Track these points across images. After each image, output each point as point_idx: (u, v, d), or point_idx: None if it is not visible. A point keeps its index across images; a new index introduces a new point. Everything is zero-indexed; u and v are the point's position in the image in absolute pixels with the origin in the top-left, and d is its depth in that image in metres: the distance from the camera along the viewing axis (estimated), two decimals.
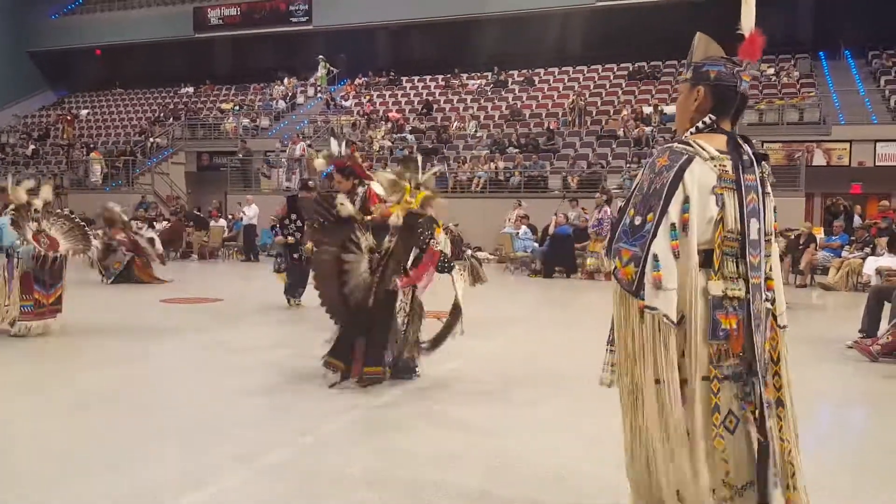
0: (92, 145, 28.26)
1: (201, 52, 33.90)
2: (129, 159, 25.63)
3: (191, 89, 32.25)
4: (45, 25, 35.21)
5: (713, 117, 2.43)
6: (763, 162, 2.42)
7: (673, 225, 2.26)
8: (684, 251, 2.26)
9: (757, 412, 2.32)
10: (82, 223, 8.12)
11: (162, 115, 30.19)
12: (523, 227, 15.96)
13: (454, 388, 5.46)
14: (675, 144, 2.39)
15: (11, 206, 7.42)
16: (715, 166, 2.32)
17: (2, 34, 33.36)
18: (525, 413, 4.85)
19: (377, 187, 5.65)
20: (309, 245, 8.84)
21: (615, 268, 2.36)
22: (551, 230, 15.07)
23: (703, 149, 2.33)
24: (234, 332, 7.95)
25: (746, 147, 2.38)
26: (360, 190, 6.07)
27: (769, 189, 2.42)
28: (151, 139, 27.55)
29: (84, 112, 33.05)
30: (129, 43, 33.33)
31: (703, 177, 2.31)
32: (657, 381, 2.30)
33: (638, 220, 2.30)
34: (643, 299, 2.26)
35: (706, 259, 2.30)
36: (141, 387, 5.44)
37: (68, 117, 30.85)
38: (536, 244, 15.69)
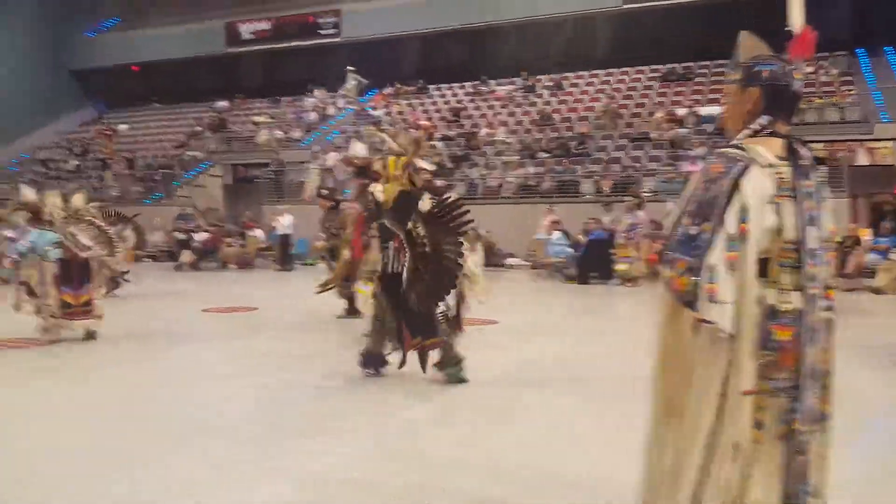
0: (130, 159, 28.66)
1: (234, 66, 34.29)
2: (168, 172, 25.92)
3: (226, 103, 32.59)
4: (85, 44, 35.94)
5: (769, 118, 2.31)
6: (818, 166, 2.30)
7: (730, 235, 2.16)
8: (741, 263, 2.16)
9: (799, 427, 2.21)
10: (109, 230, 8.25)
11: (198, 128, 30.52)
12: (556, 233, 15.81)
13: (489, 397, 5.37)
14: (731, 150, 2.28)
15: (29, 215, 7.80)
16: (772, 174, 2.21)
17: (43, 53, 34.05)
18: (561, 423, 4.75)
19: (422, 163, 5.85)
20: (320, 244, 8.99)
21: (668, 277, 2.26)
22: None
23: (760, 155, 2.22)
24: (271, 339, 7.96)
25: (804, 151, 2.26)
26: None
27: (825, 193, 2.30)
28: (188, 153, 27.85)
29: (123, 127, 33.55)
30: (165, 59, 33.89)
31: (760, 185, 2.20)
32: (700, 394, 2.19)
33: (693, 230, 2.20)
34: (698, 311, 2.16)
35: (762, 268, 2.20)
36: (180, 392, 5.44)
37: (107, 132, 31.33)
38: (570, 249, 15.53)
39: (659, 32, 25.98)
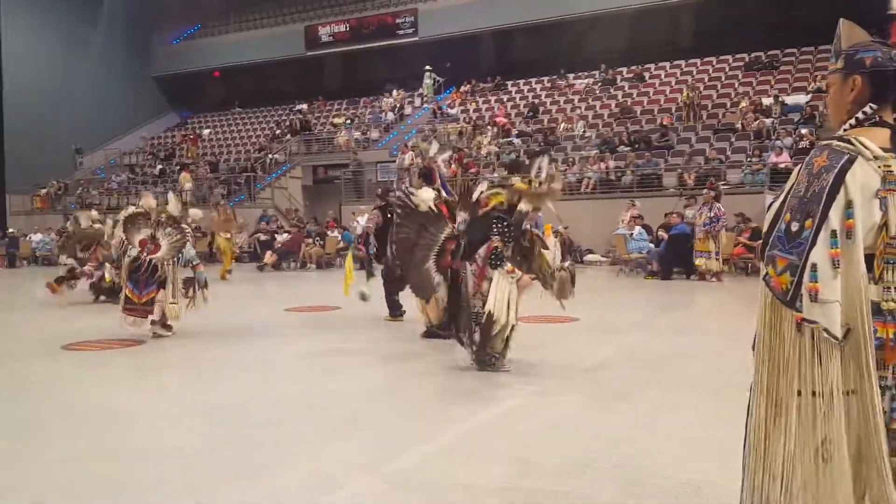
0: (213, 162, 29.53)
1: (313, 68, 34.93)
2: (250, 175, 26.62)
3: (304, 105, 33.24)
4: (168, 51, 37.22)
5: (874, 107, 2.22)
6: None
7: (834, 232, 2.08)
8: (847, 260, 2.07)
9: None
10: (188, 235, 8.49)
11: (279, 131, 31.23)
12: (637, 228, 15.55)
13: (574, 394, 5.31)
14: (835, 142, 2.19)
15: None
16: (879, 167, 2.12)
17: (128, 61, 35.46)
18: (652, 421, 4.66)
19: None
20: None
21: (767, 275, 2.19)
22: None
23: (866, 147, 2.13)
24: (354, 337, 8.08)
25: None
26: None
27: None
28: (270, 155, 28.52)
29: (206, 131, 34.62)
30: (245, 63, 34.79)
31: (866, 179, 2.11)
32: (807, 394, 2.12)
33: (795, 226, 2.13)
34: (800, 311, 2.09)
35: (866, 265, 2.11)
36: (267, 393, 5.56)
37: (192, 136, 32.39)
38: (652, 245, 15.26)
39: (742, 19, 25.27)
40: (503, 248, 5.95)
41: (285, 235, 20.59)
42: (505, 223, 5.99)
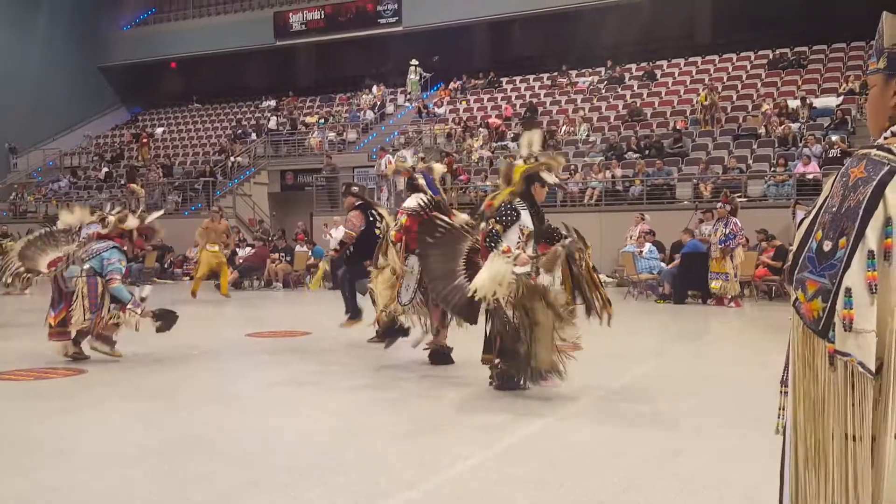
0: (167, 165, 29.45)
1: (283, 60, 35.01)
2: (209, 180, 26.56)
3: (272, 102, 33.26)
4: (117, 38, 37.15)
5: None
6: None
7: (871, 252, 2.07)
8: (885, 285, 2.07)
9: None
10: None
11: (242, 131, 31.21)
12: (648, 245, 15.61)
13: (580, 431, 5.33)
14: (874, 151, 2.20)
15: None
16: None
17: (71, 49, 35.15)
18: (667, 462, 4.66)
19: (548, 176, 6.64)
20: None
21: (797, 301, 2.19)
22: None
23: None
24: (328, 368, 8.03)
25: None
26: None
27: None
28: (232, 158, 28.50)
29: (159, 130, 34.57)
30: (206, 54, 34.81)
31: None
32: (848, 437, 2.12)
33: (827, 246, 2.12)
34: (833, 342, 2.08)
35: None
36: (228, 429, 5.52)
37: (143, 138, 32.25)
38: (664, 264, 15.32)
39: (766, 12, 25.52)
40: (501, 230, 6.32)
41: (248, 250, 20.52)
42: (505, 207, 6.40)
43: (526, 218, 6.43)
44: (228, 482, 4.36)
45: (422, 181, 8.00)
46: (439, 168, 8.71)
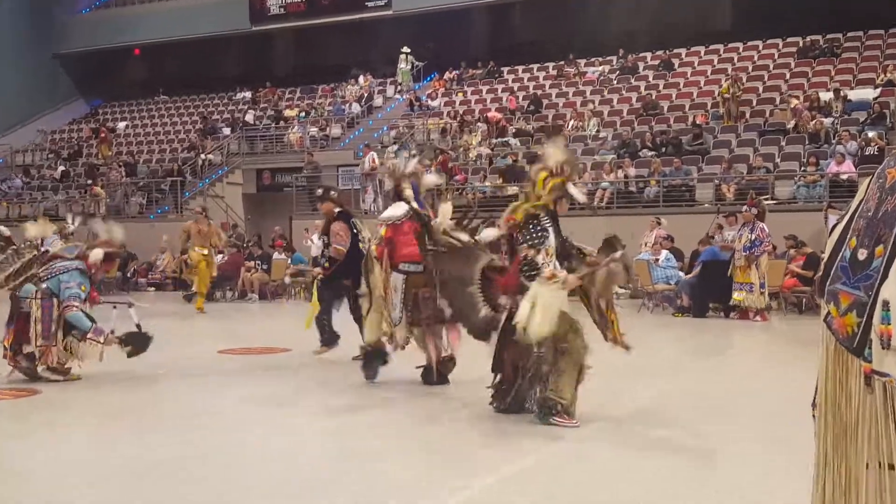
0: (130, 164, 29.37)
1: (259, 47, 34.99)
2: (177, 180, 26.51)
3: (248, 94, 33.25)
4: (75, 23, 37.03)
5: None
6: None
7: None
8: None
9: None
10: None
11: (214, 126, 31.18)
12: (664, 252, 15.64)
13: (592, 458, 5.38)
14: None
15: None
16: None
17: (23, 35, 34.92)
18: (684, 495, 4.69)
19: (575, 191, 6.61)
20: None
21: (829, 315, 2.20)
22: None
23: None
24: (308, 387, 8.08)
25: None
26: None
27: None
28: (203, 155, 28.46)
29: (122, 125, 34.50)
30: (174, 40, 34.67)
31: None
32: (884, 466, 2.13)
33: (862, 254, 2.14)
34: (869, 361, 2.09)
35: None
36: (207, 456, 5.56)
37: (102, 134, 32.16)
38: (682, 274, 15.33)
39: None
40: (534, 255, 6.20)
41: (220, 257, 20.46)
42: (533, 226, 6.28)
43: (552, 237, 6.34)
44: None
45: (409, 192, 8.04)
46: (431, 180, 8.72)
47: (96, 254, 8.55)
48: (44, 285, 8.14)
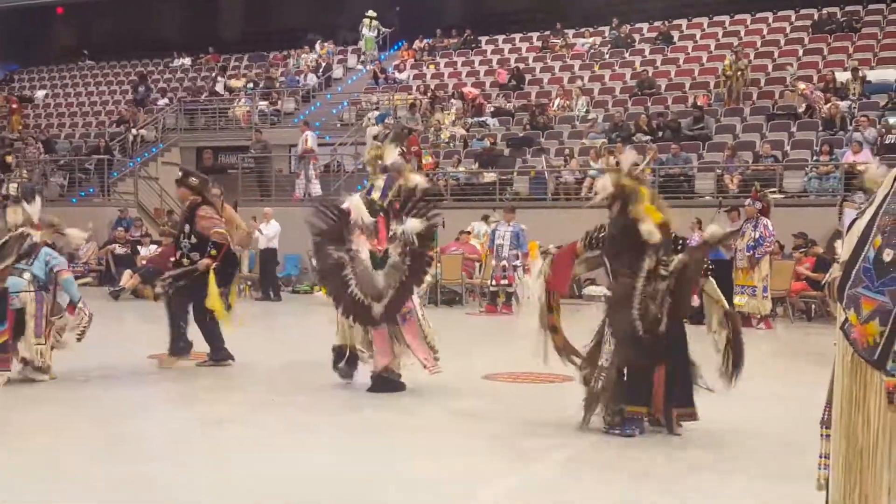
0: (49, 140, 29.06)
1: (202, 8, 34.76)
2: (104, 158, 26.22)
3: (187, 60, 33.01)
4: None
5: None
6: None
7: None
8: None
9: None
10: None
11: (147, 96, 30.92)
12: None
13: (575, 484, 5.39)
14: None
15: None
16: None
17: None
18: None
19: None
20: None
21: (847, 322, 2.22)
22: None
23: None
24: (255, 398, 8.07)
25: None
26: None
27: None
28: (134, 130, 28.20)
29: (40, 93, 34.12)
30: None
31: None
32: None
33: (888, 255, 2.16)
34: (892, 375, 2.11)
35: None
36: (147, 483, 5.51)
37: (13, 103, 31.72)
38: None
39: None
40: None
41: (153, 248, 20.30)
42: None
43: None
44: None
45: (381, 182, 8.40)
46: (415, 180, 8.82)
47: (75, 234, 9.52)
48: (27, 275, 8.38)
